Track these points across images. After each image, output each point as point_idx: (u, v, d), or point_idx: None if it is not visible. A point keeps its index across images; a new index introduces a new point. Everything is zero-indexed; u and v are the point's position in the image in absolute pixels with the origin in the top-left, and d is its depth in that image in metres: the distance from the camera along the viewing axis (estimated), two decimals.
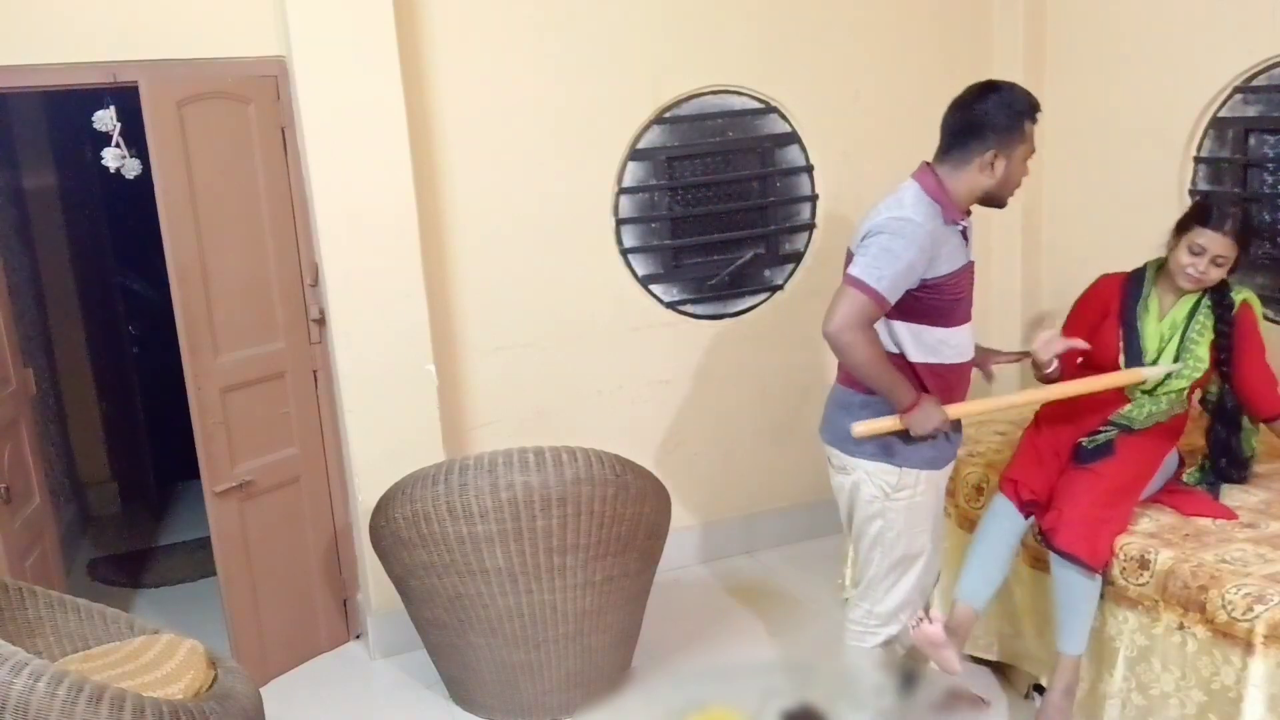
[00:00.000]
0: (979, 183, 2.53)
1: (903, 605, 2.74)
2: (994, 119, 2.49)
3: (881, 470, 2.62)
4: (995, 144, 2.49)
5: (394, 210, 3.41)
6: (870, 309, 2.44)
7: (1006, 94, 2.51)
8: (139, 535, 4.96)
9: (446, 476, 3.00)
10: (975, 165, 2.51)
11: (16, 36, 3.03)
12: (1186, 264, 2.89)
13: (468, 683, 3.28)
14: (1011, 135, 2.49)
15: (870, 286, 2.43)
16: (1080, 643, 2.81)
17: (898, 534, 2.66)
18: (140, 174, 3.21)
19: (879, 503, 2.65)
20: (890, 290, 2.44)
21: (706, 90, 3.91)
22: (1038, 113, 2.54)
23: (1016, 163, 2.53)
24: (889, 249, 2.44)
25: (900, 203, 2.52)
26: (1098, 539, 2.76)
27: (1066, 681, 2.85)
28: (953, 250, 2.54)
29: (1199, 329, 2.94)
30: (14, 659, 2.11)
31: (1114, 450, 2.93)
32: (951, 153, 2.55)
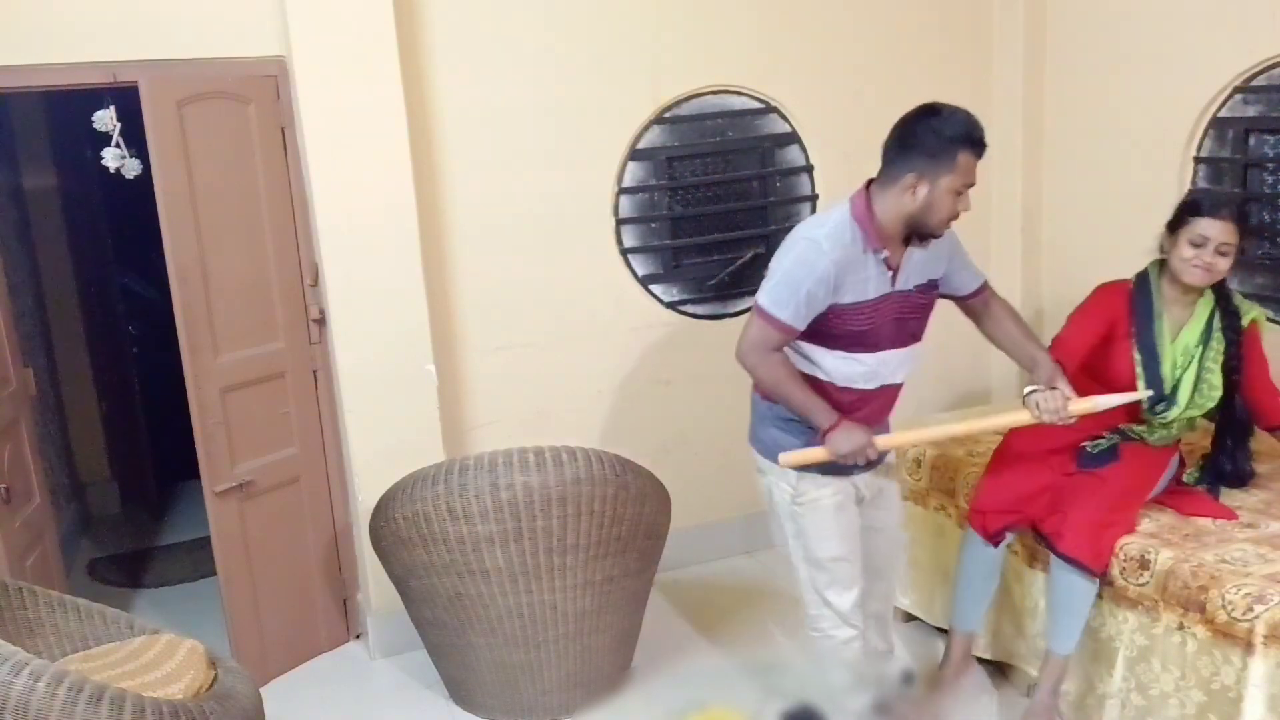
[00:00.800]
0: (901, 205, 2.45)
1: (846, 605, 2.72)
2: (922, 141, 2.41)
3: (788, 475, 2.66)
4: (919, 167, 2.40)
5: (394, 210, 3.41)
6: (774, 336, 2.50)
7: (944, 119, 2.41)
8: (139, 535, 4.96)
9: (446, 476, 3.00)
10: (899, 186, 2.44)
11: (16, 36, 3.03)
12: (1191, 258, 2.79)
13: (468, 683, 3.28)
14: (937, 161, 2.39)
15: (772, 315, 2.49)
16: (1072, 643, 2.82)
17: (809, 539, 2.69)
18: (140, 174, 3.21)
19: (788, 507, 2.70)
20: (794, 319, 2.48)
21: (706, 90, 3.91)
22: (978, 145, 2.42)
23: (941, 192, 2.41)
24: (792, 277, 2.46)
25: (822, 222, 2.52)
26: (1101, 544, 2.76)
27: (1055, 680, 2.86)
28: (864, 280, 2.49)
29: (1214, 356, 2.88)
30: (14, 659, 2.11)
31: (1118, 456, 2.92)
32: (884, 170, 2.50)
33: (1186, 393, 2.89)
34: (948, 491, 3.34)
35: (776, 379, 2.54)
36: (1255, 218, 3.53)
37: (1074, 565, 2.76)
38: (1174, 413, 2.91)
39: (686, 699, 3.20)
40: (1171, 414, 2.91)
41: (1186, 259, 2.81)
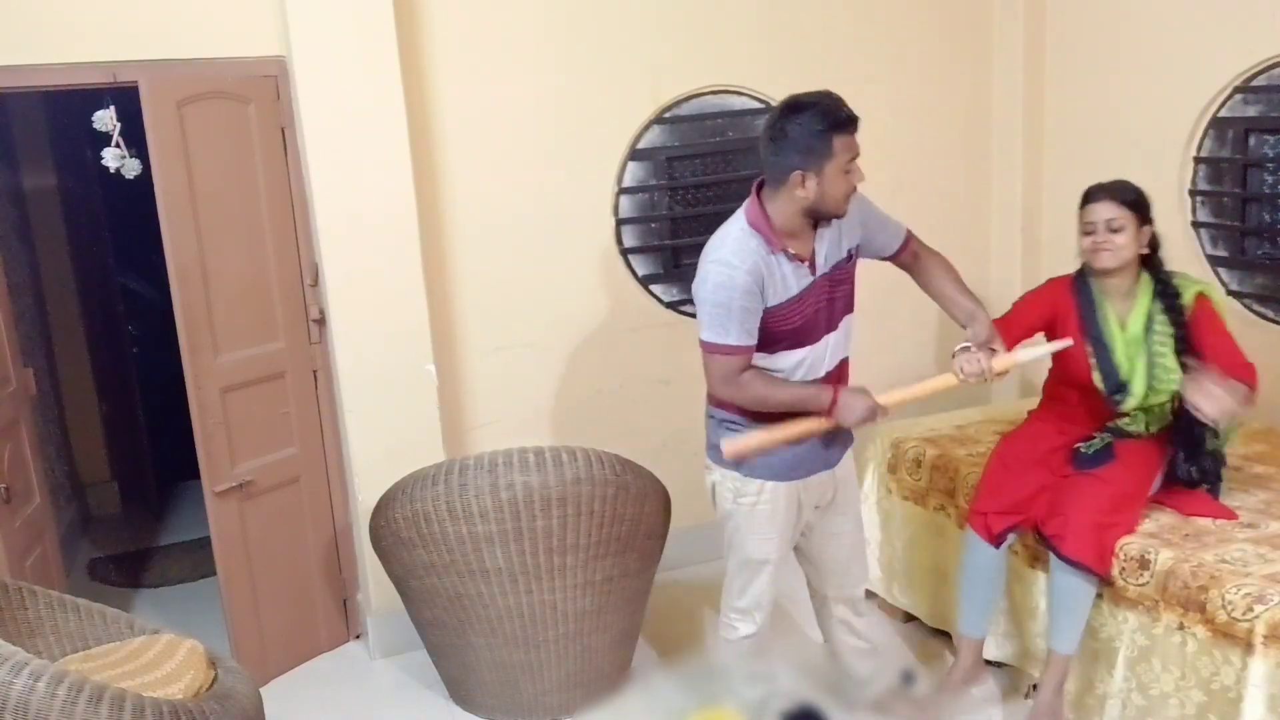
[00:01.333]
0: (795, 201, 2.48)
1: (756, 605, 2.77)
2: (795, 140, 2.43)
3: (730, 476, 2.69)
4: (799, 164, 2.43)
5: (394, 210, 3.41)
6: (733, 362, 2.52)
7: (808, 114, 2.44)
8: (139, 535, 4.96)
9: (446, 476, 3.00)
10: (787, 186, 2.46)
11: (16, 36, 3.03)
12: (1088, 245, 2.92)
13: (468, 683, 3.28)
14: (815, 153, 2.42)
15: (721, 345, 2.51)
16: (1074, 642, 2.82)
17: (743, 537, 2.71)
18: (140, 174, 3.21)
19: (728, 504, 2.72)
20: (741, 338, 2.50)
21: (706, 90, 3.91)
22: (847, 124, 2.45)
23: (831, 177, 2.44)
24: (718, 303, 2.48)
25: (722, 242, 2.53)
26: (1104, 545, 2.76)
27: (1058, 680, 2.86)
28: (781, 279, 2.51)
29: (1160, 340, 2.91)
30: (14, 659, 2.12)
31: (1114, 455, 2.92)
32: (769, 174, 2.52)
33: (1141, 380, 2.91)
34: (948, 491, 3.34)
35: (759, 395, 2.56)
36: (1255, 218, 3.53)
37: (1077, 568, 2.76)
38: (1131, 401, 2.93)
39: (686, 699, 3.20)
40: (1129, 402, 2.93)
41: (1086, 248, 2.94)
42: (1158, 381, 2.90)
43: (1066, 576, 2.79)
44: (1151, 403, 2.94)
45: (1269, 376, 3.50)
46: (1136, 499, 2.88)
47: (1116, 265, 2.91)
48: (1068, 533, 2.78)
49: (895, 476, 3.57)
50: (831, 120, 2.44)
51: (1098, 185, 2.94)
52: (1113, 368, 2.94)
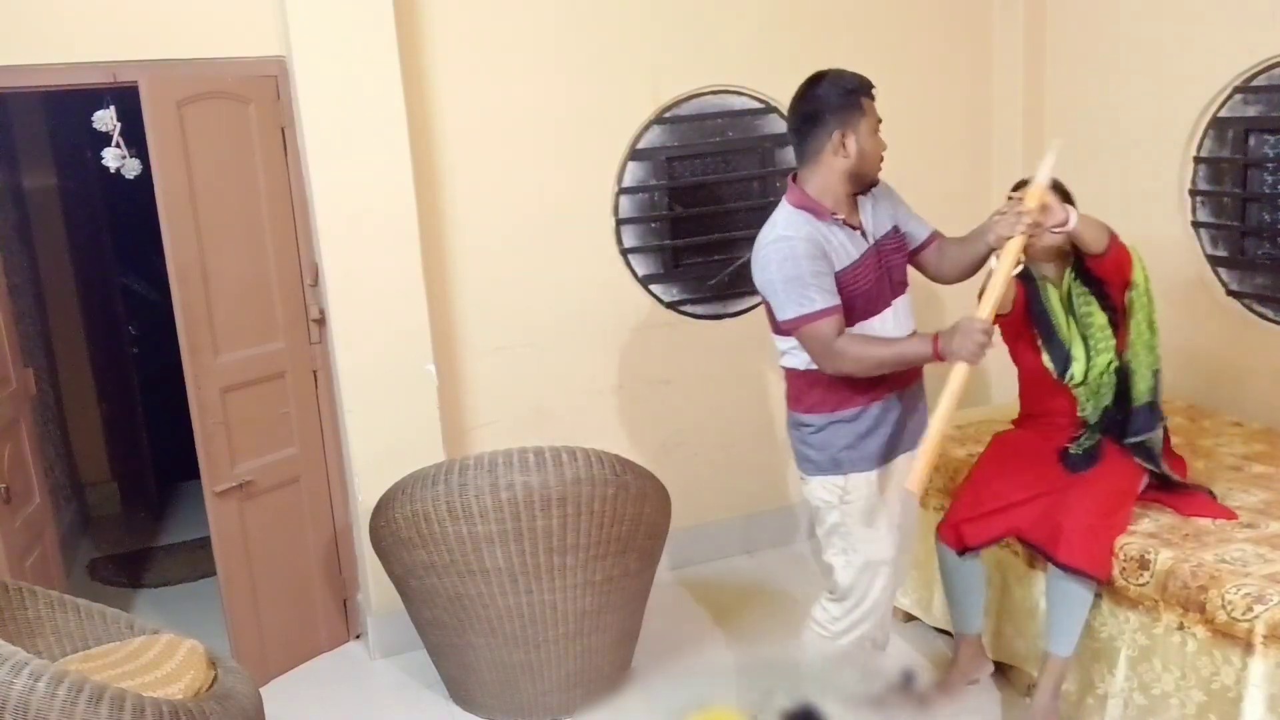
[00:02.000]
0: (836, 167, 2.53)
1: (876, 605, 2.72)
2: (828, 101, 2.52)
3: (832, 480, 2.64)
4: (837, 124, 2.51)
5: (394, 210, 3.41)
6: (826, 326, 2.47)
7: (833, 77, 2.54)
8: (139, 535, 4.96)
9: (446, 476, 3.00)
10: (828, 152, 2.53)
11: (16, 36, 3.03)
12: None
13: (468, 683, 3.28)
14: (850, 112, 2.51)
15: (809, 314, 2.47)
16: (1072, 645, 2.82)
17: (858, 538, 2.66)
18: (140, 174, 3.21)
19: (835, 510, 2.66)
20: (824, 299, 2.47)
21: (706, 90, 3.91)
22: (870, 89, 2.57)
23: (865, 136, 2.54)
24: (789, 277, 2.48)
25: (773, 224, 2.56)
26: (1099, 548, 2.75)
27: (1055, 682, 2.86)
28: (841, 245, 2.54)
29: (1082, 297, 2.90)
30: (14, 659, 2.11)
31: (1103, 454, 2.92)
32: (804, 150, 2.57)
33: (1079, 346, 2.90)
34: (948, 492, 3.34)
35: (861, 354, 2.50)
36: (1255, 218, 3.53)
37: (1075, 574, 2.76)
38: (1077, 370, 2.91)
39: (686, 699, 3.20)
40: (1076, 372, 2.91)
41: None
42: (1094, 340, 2.88)
43: (1063, 581, 2.79)
44: (1097, 369, 2.90)
45: (1269, 376, 3.51)
46: (1128, 496, 2.87)
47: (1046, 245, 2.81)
48: (1062, 539, 2.77)
49: None
50: (857, 83, 2.55)
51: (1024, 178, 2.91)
52: (1057, 343, 2.93)
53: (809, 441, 2.66)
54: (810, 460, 2.67)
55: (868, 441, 2.62)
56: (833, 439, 2.62)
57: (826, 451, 2.63)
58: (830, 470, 2.64)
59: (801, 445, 2.69)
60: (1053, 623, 2.85)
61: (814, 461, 2.66)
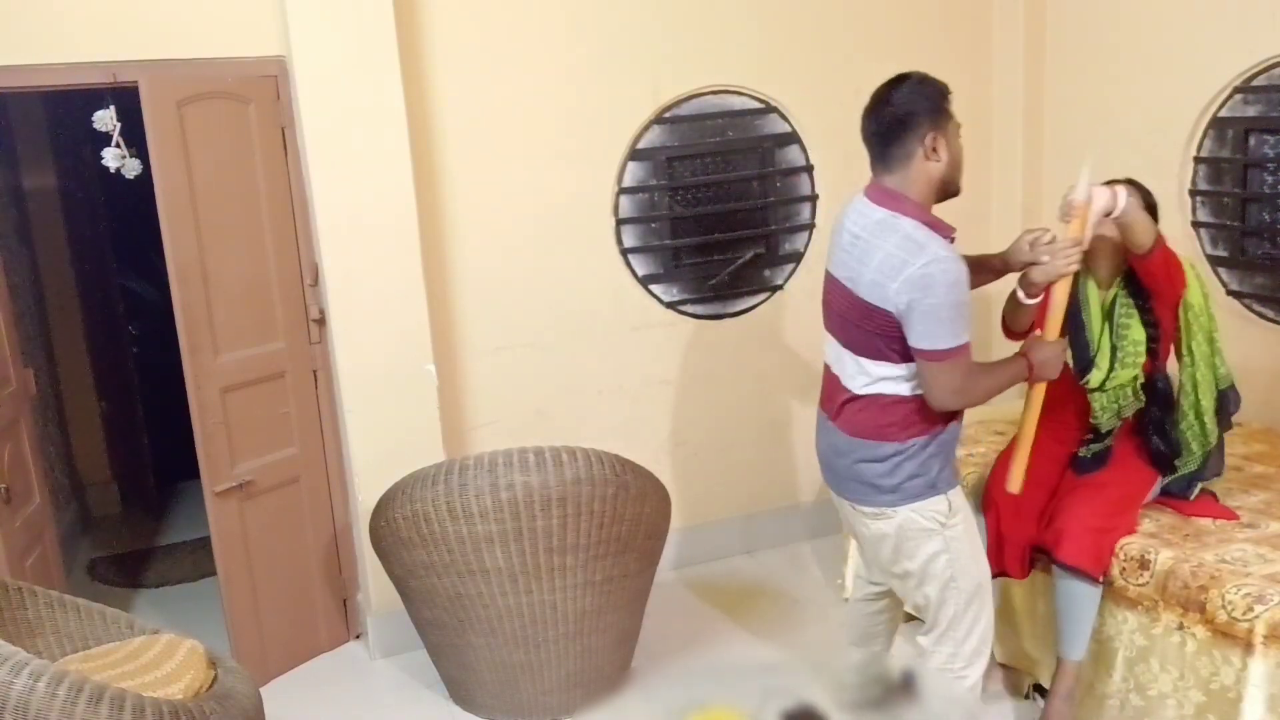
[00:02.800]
0: (931, 172, 2.38)
1: (984, 638, 2.57)
2: (916, 106, 2.37)
3: (930, 504, 2.46)
4: (930, 126, 2.36)
5: (394, 210, 3.41)
6: (965, 363, 2.35)
7: (916, 82, 2.41)
8: (139, 535, 4.96)
9: (446, 476, 3.00)
10: (920, 156, 2.37)
11: (16, 36, 3.03)
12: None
13: (468, 683, 3.28)
14: (939, 113, 2.38)
15: (955, 349, 2.32)
16: (1082, 648, 2.80)
17: (965, 563, 2.49)
18: (140, 174, 3.21)
19: (938, 537, 2.46)
20: (966, 332, 2.34)
21: (706, 90, 3.91)
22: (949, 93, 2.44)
23: (954, 138, 2.41)
24: (956, 303, 2.31)
25: (919, 246, 2.32)
26: (1101, 548, 2.75)
27: (1068, 686, 2.84)
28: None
29: (1125, 309, 2.87)
30: (14, 659, 2.11)
31: (1112, 458, 2.92)
32: (892, 158, 2.40)
33: (1106, 354, 2.88)
34: None
35: (987, 385, 2.42)
36: (1255, 218, 3.53)
37: (1074, 572, 2.75)
38: (1096, 376, 2.90)
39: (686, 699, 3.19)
40: (1094, 378, 2.90)
41: None
42: (1123, 354, 2.87)
43: (1068, 582, 2.78)
44: (1118, 380, 2.89)
45: (1269, 376, 3.51)
46: (1134, 501, 2.87)
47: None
48: (1064, 538, 2.77)
49: None
50: (940, 85, 2.41)
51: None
52: (1083, 344, 2.92)
53: (904, 469, 2.45)
54: (901, 490, 2.46)
55: (953, 459, 2.54)
56: (932, 460, 2.46)
57: (926, 475, 2.45)
58: (928, 493, 2.46)
59: (888, 477, 2.46)
60: (1061, 627, 2.83)
61: (906, 490, 2.45)
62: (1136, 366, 2.89)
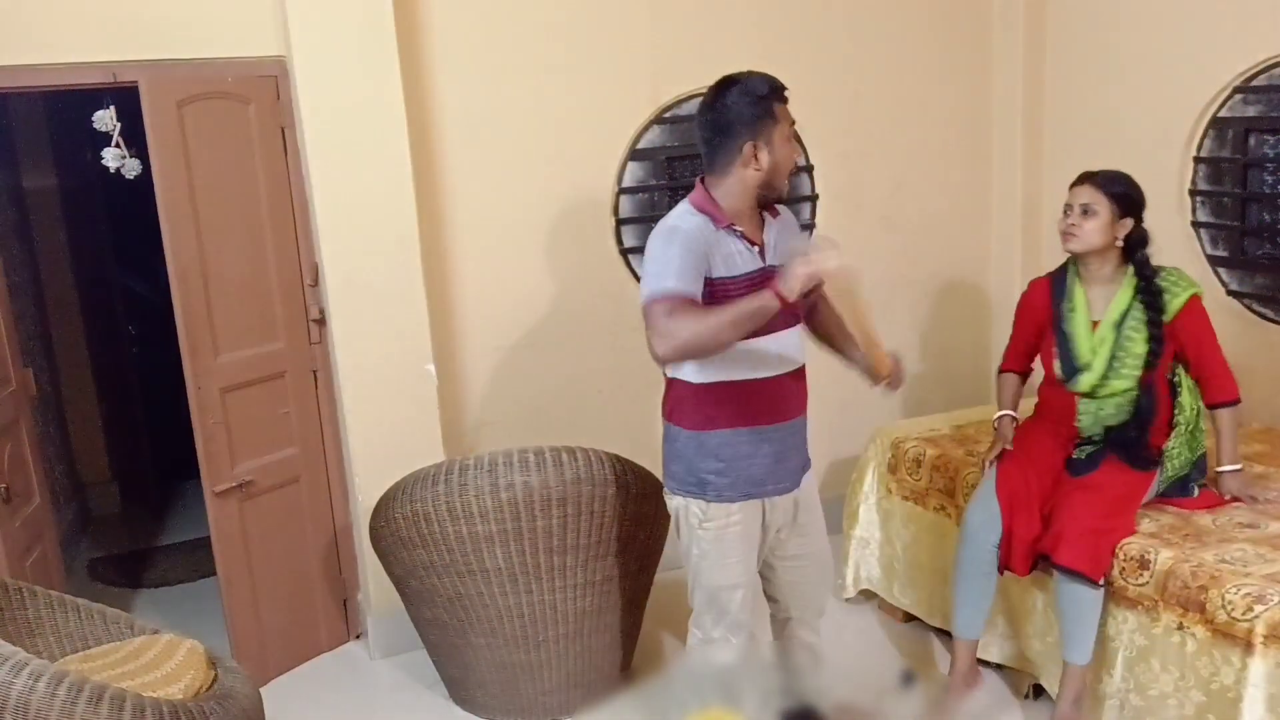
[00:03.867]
0: (747, 179, 2.44)
1: (735, 628, 2.62)
2: (739, 112, 2.41)
3: (693, 502, 2.55)
4: (748, 135, 2.40)
5: (394, 210, 3.41)
6: (668, 307, 2.30)
7: (744, 84, 2.43)
8: (139, 535, 4.96)
9: (446, 476, 3.00)
10: (738, 164, 2.42)
11: (16, 36, 3.03)
12: (1059, 225, 2.97)
13: (468, 683, 3.28)
14: (763, 121, 2.40)
15: (656, 293, 2.32)
16: (1087, 652, 2.79)
17: (710, 565, 2.57)
18: (140, 174, 3.21)
19: (694, 531, 2.57)
20: (680, 281, 2.32)
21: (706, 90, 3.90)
22: (783, 90, 2.45)
23: (779, 146, 2.43)
24: (657, 257, 2.37)
25: (667, 218, 2.47)
26: (1099, 550, 2.75)
27: (1075, 691, 2.83)
28: (731, 255, 2.43)
29: (1135, 325, 2.91)
30: (14, 659, 2.11)
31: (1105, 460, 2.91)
32: (714, 159, 2.46)
33: (1103, 360, 2.91)
34: (948, 491, 3.34)
35: (700, 327, 2.29)
36: (1255, 218, 3.53)
37: (1074, 575, 2.75)
38: (1085, 380, 2.93)
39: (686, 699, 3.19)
40: (1083, 381, 2.94)
41: (1059, 228, 2.98)
42: (1121, 365, 2.90)
43: (1068, 586, 2.78)
44: (1110, 390, 2.92)
45: (1269, 376, 3.51)
46: (1132, 502, 2.86)
47: (1081, 250, 2.94)
48: (1062, 542, 2.77)
49: (895, 476, 3.57)
50: (770, 86, 2.43)
51: (1090, 170, 2.97)
52: (1070, 352, 2.96)
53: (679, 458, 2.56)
54: (674, 476, 2.57)
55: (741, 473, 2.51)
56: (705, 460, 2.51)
57: (696, 474, 2.52)
58: (695, 491, 2.54)
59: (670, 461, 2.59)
60: (1065, 631, 2.82)
61: (677, 476, 2.57)
62: (1131, 379, 2.91)
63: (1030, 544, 2.91)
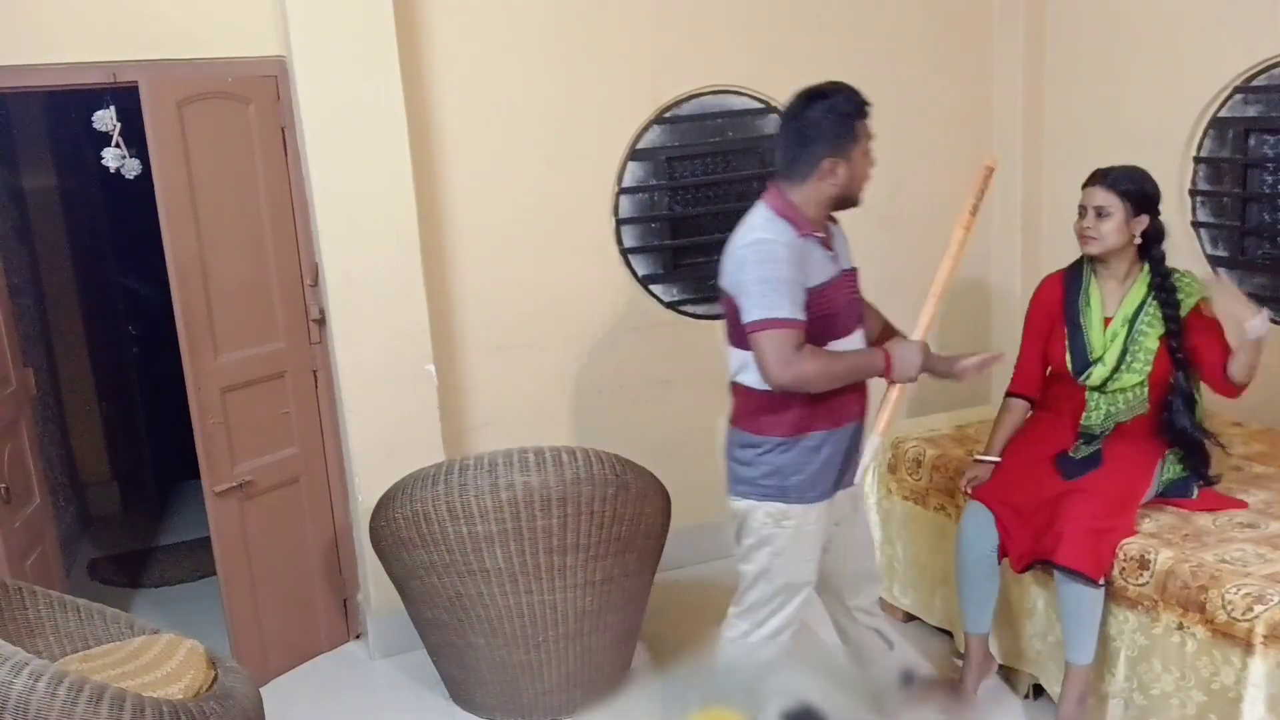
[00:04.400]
0: (823, 191, 2.48)
1: (786, 626, 2.67)
2: (823, 128, 2.45)
3: (771, 504, 2.56)
4: (829, 152, 2.45)
5: (394, 210, 3.41)
6: (790, 337, 2.38)
7: (832, 100, 2.47)
8: (139, 535, 4.96)
9: (446, 476, 3.00)
10: (815, 176, 2.47)
11: (16, 36, 3.03)
12: (1075, 228, 2.95)
13: (468, 683, 3.28)
14: (844, 140, 2.46)
15: (775, 319, 2.38)
16: (1089, 652, 2.79)
17: (785, 562, 2.60)
18: (140, 174, 3.21)
19: (767, 530, 2.58)
20: (794, 309, 2.39)
21: (706, 90, 3.91)
22: (867, 108, 2.50)
23: (857, 163, 2.49)
24: (764, 277, 2.39)
25: (750, 228, 2.48)
26: (1100, 550, 2.75)
27: (1079, 691, 2.82)
28: (817, 261, 2.48)
29: (1148, 320, 2.91)
30: (14, 659, 2.12)
31: (1103, 460, 2.91)
32: (792, 167, 2.50)
33: (1115, 354, 2.91)
34: (948, 491, 3.34)
35: (821, 368, 2.42)
36: (1255, 218, 3.53)
37: (1074, 575, 2.75)
38: (1098, 373, 2.93)
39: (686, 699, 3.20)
40: (1095, 375, 2.93)
41: (1075, 230, 2.96)
42: (1134, 359, 2.90)
43: (1069, 585, 2.77)
44: (1121, 384, 2.92)
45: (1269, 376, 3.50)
46: (1132, 501, 2.86)
47: (1100, 252, 2.93)
48: (1062, 542, 2.76)
49: (895, 476, 3.57)
50: (855, 105, 2.49)
51: (1101, 169, 2.94)
52: (1082, 347, 2.96)
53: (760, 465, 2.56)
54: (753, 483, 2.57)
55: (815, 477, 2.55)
56: (787, 466, 2.53)
57: (777, 479, 2.54)
58: (775, 496, 2.55)
59: (747, 468, 2.58)
60: (1067, 631, 2.82)
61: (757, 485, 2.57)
62: (1142, 375, 2.91)
63: (1027, 543, 2.91)
